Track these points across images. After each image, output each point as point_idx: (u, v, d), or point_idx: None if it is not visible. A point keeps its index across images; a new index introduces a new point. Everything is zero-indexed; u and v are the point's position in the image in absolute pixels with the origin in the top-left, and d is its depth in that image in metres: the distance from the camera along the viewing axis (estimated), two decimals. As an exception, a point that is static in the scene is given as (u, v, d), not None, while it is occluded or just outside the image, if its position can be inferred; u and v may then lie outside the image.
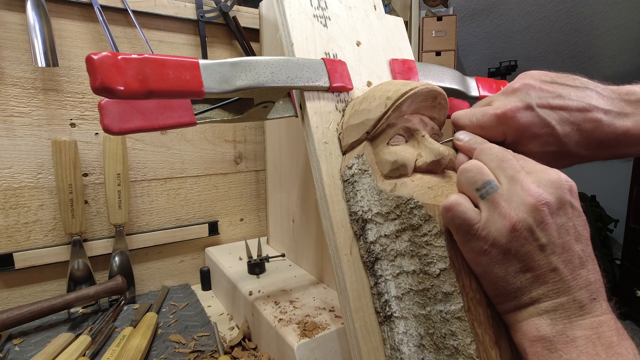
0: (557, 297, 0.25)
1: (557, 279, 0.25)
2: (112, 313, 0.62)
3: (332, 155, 0.39)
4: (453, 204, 0.27)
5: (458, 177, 0.29)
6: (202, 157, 0.76)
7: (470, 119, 0.35)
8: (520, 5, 2.20)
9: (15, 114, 0.59)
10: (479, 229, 0.26)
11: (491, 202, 0.26)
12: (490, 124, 0.34)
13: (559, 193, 0.25)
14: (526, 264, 0.26)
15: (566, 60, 2.33)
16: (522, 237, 0.25)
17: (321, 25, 0.43)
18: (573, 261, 0.25)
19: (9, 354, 0.52)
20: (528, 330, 0.26)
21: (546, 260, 0.25)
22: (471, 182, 0.28)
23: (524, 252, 0.25)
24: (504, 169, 0.27)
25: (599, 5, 2.04)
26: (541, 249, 0.25)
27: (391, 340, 0.34)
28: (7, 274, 0.61)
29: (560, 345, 0.24)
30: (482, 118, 0.34)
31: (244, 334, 0.55)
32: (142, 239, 0.71)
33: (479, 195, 0.27)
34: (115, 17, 0.65)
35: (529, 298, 0.26)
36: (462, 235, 0.27)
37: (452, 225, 0.28)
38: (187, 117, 0.40)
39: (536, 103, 0.33)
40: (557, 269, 0.25)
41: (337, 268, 0.37)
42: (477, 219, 0.27)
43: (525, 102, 0.33)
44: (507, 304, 0.27)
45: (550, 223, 0.25)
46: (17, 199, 0.61)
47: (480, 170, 0.28)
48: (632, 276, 1.80)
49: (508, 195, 0.26)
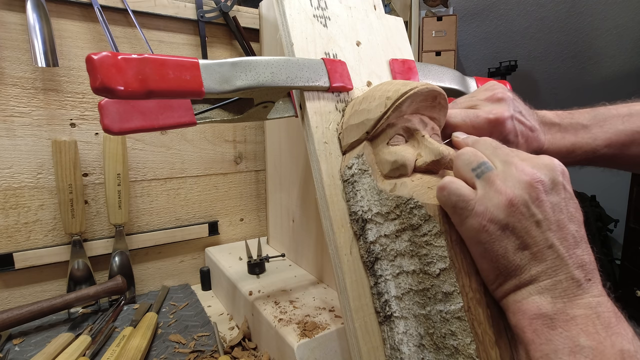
0: (555, 275, 0.25)
1: (555, 256, 0.26)
2: (112, 313, 0.62)
3: (332, 155, 0.39)
4: (447, 182, 0.29)
5: (455, 162, 0.30)
6: (202, 157, 0.76)
7: (464, 119, 0.39)
8: (520, 5, 2.20)
9: (15, 114, 0.59)
10: (476, 205, 0.27)
11: (487, 180, 0.28)
12: (482, 126, 0.38)
13: (552, 174, 0.27)
14: (524, 240, 0.26)
15: (566, 60, 2.33)
16: (518, 212, 0.26)
17: (321, 25, 0.43)
18: (568, 239, 0.26)
19: (9, 354, 0.52)
20: (528, 308, 0.26)
21: (543, 236, 0.26)
22: (466, 163, 0.29)
23: (521, 228, 0.26)
24: (498, 154, 0.29)
25: (599, 5, 2.04)
26: (537, 225, 0.26)
27: (391, 340, 0.34)
28: (7, 274, 0.61)
29: (560, 323, 0.25)
30: (475, 119, 0.38)
31: (244, 334, 0.55)
32: (142, 239, 0.71)
33: (474, 175, 0.28)
34: (115, 17, 0.65)
35: (529, 276, 0.26)
36: (459, 213, 0.28)
37: (448, 204, 0.29)
38: (187, 117, 0.40)
39: (513, 115, 0.39)
40: (554, 246, 0.26)
41: (337, 268, 0.37)
42: (473, 196, 0.28)
43: (510, 112, 0.38)
44: (507, 283, 0.27)
45: (544, 200, 0.26)
46: (17, 199, 0.61)
47: (475, 153, 0.29)
48: (632, 276, 1.80)
49: (503, 176, 0.27)
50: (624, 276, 1.85)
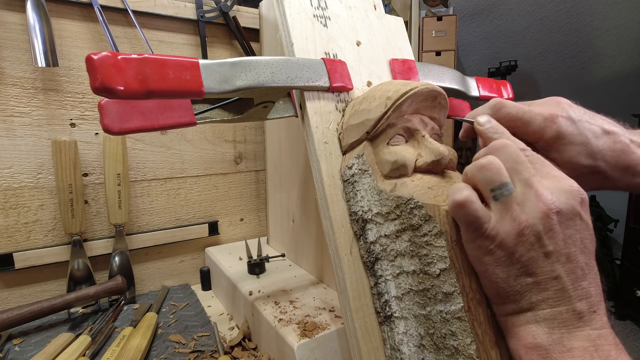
0: (556, 306, 0.25)
1: (559, 288, 0.25)
2: (112, 313, 0.62)
3: (332, 155, 0.39)
4: (467, 201, 0.27)
5: (473, 172, 0.28)
6: (202, 157, 0.76)
7: (517, 110, 0.35)
8: (520, 5, 2.20)
9: (15, 114, 0.59)
10: (489, 229, 0.26)
11: (504, 204, 0.26)
12: (534, 121, 0.35)
13: (571, 203, 0.26)
14: (529, 269, 0.26)
15: (566, 60, 2.33)
16: (528, 243, 0.25)
17: (321, 25, 0.43)
18: (576, 272, 0.25)
19: (9, 354, 0.52)
20: (524, 336, 0.26)
21: (550, 267, 0.25)
22: (488, 181, 0.27)
23: (528, 257, 0.25)
24: (519, 171, 0.27)
25: (599, 5, 2.04)
26: (546, 256, 0.25)
27: (391, 340, 0.34)
28: (7, 274, 0.61)
29: (556, 355, 0.24)
30: (528, 113, 0.35)
31: (244, 334, 0.55)
32: (142, 239, 0.71)
33: (492, 196, 0.27)
34: (115, 17, 0.65)
35: (528, 303, 0.26)
36: (471, 233, 0.27)
37: (462, 221, 0.28)
38: (187, 117, 0.40)
39: (576, 116, 0.35)
40: (559, 277, 0.25)
41: (337, 268, 0.37)
42: (488, 219, 0.27)
43: (568, 113, 0.35)
44: (505, 306, 0.27)
45: (558, 232, 0.25)
46: (17, 199, 0.61)
47: (499, 171, 0.27)
48: (632, 276, 1.80)
49: (521, 200, 0.26)
50: (624, 276, 1.85)
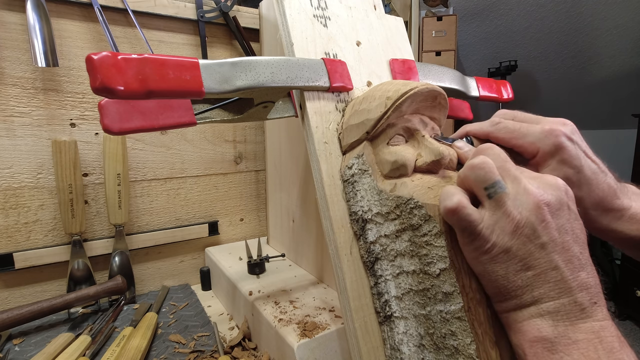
0: (558, 298, 0.25)
1: (559, 278, 0.25)
2: (112, 313, 0.62)
3: (332, 155, 0.39)
4: (458, 207, 0.27)
5: (465, 173, 0.29)
6: (202, 157, 0.76)
7: (514, 124, 0.36)
8: (520, 5, 2.20)
9: (15, 114, 0.59)
10: (483, 229, 0.27)
11: (497, 202, 0.27)
12: (534, 133, 0.35)
13: (558, 194, 0.26)
14: (527, 262, 0.26)
15: (566, 60, 2.33)
16: (524, 236, 0.26)
17: (321, 25, 0.43)
18: (573, 261, 0.25)
19: (9, 354, 0.52)
20: (528, 330, 0.26)
21: (547, 258, 0.25)
22: (481, 180, 0.28)
23: (525, 251, 0.26)
24: (507, 169, 0.28)
25: (599, 5, 2.04)
26: (542, 247, 0.25)
27: (391, 340, 0.34)
28: (7, 274, 0.61)
29: (561, 347, 0.24)
30: (525, 127, 0.35)
31: (244, 334, 0.55)
32: (142, 239, 0.71)
33: (486, 194, 0.27)
34: (115, 17, 0.65)
35: (531, 297, 0.26)
36: (466, 237, 0.27)
37: (456, 226, 0.28)
38: (187, 117, 0.40)
39: (577, 139, 0.35)
40: (558, 267, 0.25)
41: (337, 268, 0.37)
42: (480, 219, 0.27)
43: (571, 133, 0.35)
44: (507, 302, 0.27)
45: (550, 222, 0.26)
46: (17, 199, 0.61)
47: (492, 170, 0.28)
48: (632, 276, 1.80)
49: (513, 195, 0.27)
50: (624, 276, 1.85)
